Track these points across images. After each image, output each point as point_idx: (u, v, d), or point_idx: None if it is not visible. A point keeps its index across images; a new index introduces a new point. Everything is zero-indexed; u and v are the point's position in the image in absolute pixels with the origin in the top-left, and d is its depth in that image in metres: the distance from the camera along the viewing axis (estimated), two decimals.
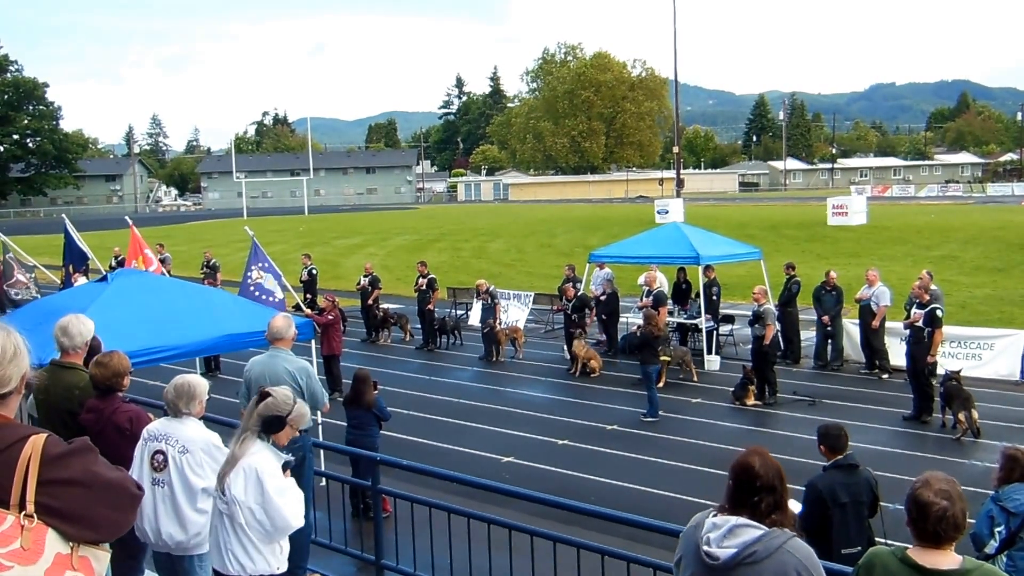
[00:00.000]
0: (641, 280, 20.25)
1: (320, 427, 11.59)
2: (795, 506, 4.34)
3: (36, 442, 2.54)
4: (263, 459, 5.09)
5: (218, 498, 5.15)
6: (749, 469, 3.69)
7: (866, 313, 17.73)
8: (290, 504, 5.12)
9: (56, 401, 6.35)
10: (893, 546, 3.98)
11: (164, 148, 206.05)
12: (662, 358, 17.15)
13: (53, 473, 2.51)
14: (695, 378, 17.64)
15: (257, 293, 14.65)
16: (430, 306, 21.55)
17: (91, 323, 6.64)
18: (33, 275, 21.83)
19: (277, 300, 14.76)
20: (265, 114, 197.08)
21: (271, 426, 5.13)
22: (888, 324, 17.61)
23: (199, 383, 5.95)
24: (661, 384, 17.31)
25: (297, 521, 5.16)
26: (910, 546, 3.80)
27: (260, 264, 15.32)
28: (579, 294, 20.20)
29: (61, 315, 6.71)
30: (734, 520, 3.61)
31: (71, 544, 2.52)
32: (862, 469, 7.07)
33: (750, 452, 3.79)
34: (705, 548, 3.60)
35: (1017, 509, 6.01)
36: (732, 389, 16.12)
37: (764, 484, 3.65)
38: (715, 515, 3.71)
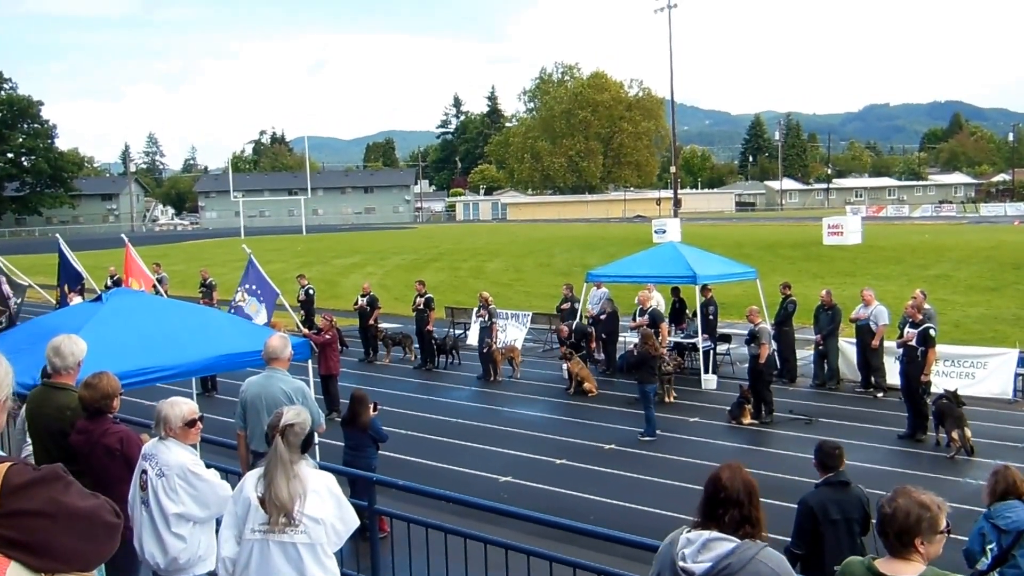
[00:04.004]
0: (636, 300, 20.28)
1: (317, 447, 11.57)
2: None
3: None
4: (322, 475, 5.05)
5: (284, 537, 4.79)
6: (716, 481, 3.79)
7: (864, 332, 17.75)
8: (350, 505, 5.09)
9: (47, 421, 6.34)
10: (864, 558, 4.06)
11: (161, 167, 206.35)
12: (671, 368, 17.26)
13: (14, 504, 2.38)
14: (668, 399, 17.46)
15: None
16: (428, 326, 21.52)
17: (83, 343, 6.64)
18: (20, 300, 21.78)
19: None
20: (262, 133, 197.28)
21: (308, 445, 5.08)
22: (884, 343, 17.65)
23: (168, 407, 5.90)
24: (671, 400, 17.35)
25: (357, 518, 5.13)
26: (880, 558, 3.92)
27: (248, 286, 15.31)
28: (576, 325, 20.13)
29: (55, 335, 6.71)
30: (707, 534, 3.67)
31: (40, 575, 2.40)
32: (854, 487, 7.08)
33: (722, 465, 3.89)
34: (681, 564, 3.64)
35: (1008, 527, 6.03)
36: (729, 408, 16.13)
37: (728, 496, 3.71)
38: (688, 530, 3.76)
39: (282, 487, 4.74)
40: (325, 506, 4.84)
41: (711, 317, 19.56)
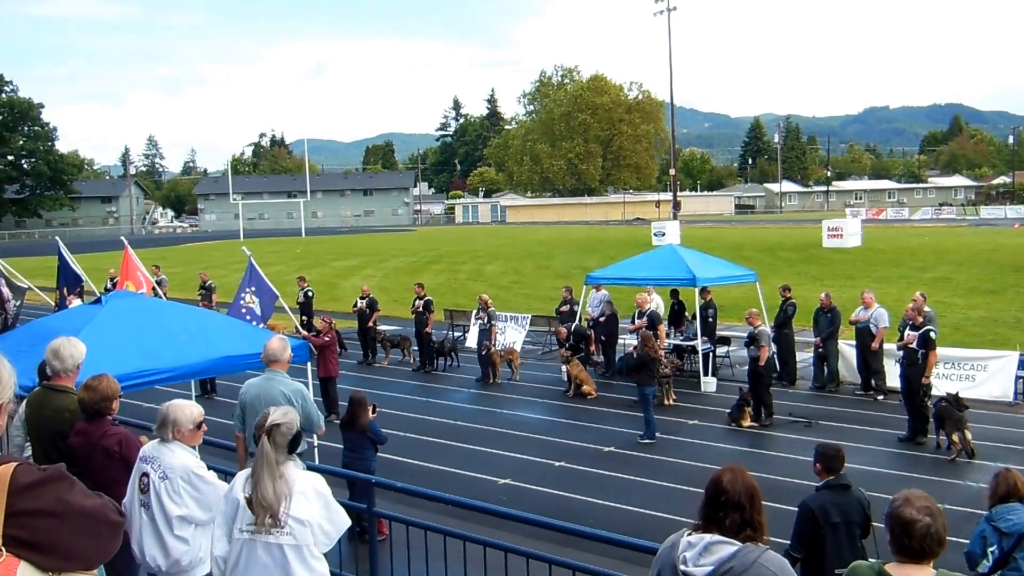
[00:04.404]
0: (636, 302, 20.28)
1: (316, 450, 11.57)
2: None
3: (3, 472, 2.44)
4: (310, 475, 5.04)
5: (270, 538, 4.80)
6: (717, 484, 3.77)
7: (864, 335, 17.74)
8: (339, 506, 5.09)
9: (46, 424, 6.33)
10: (872, 561, 4.00)
11: (161, 169, 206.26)
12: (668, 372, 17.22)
13: (22, 504, 2.41)
14: (667, 401, 17.41)
15: (248, 318, 14.60)
16: (427, 328, 21.51)
17: (83, 346, 6.62)
18: (19, 302, 21.78)
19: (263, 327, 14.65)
20: (262, 136, 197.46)
21: (295, 445, 5.07)
22: (884, 346, 17.64)
23: (177, 410, 5.88)
24: (671, 402, 17.32)
25: (347, 518, 5.10)
26: (890, 562, 3.81)
27: (253, 288, 15.29)
28: (575, 327, 20.14)
29: (54, 337, 6.70)
30: (709, 537, 3.65)
31: (49, 574, 2.43)
32: (855, 490, 7.06)
33: (724, 468, 3.86)
34: (682, 568, 3.62)
35: (1010, 529, 6.02)
36: (728, 411, 16.11)
37: (729, 500, 3.69)
38: (689, 534, 3.74)
39: (268, 488, 4.75)
40: (311, 507, 4.85)
41: (710, 319, 19.54)
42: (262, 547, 4.80)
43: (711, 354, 19.45)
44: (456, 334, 25.00)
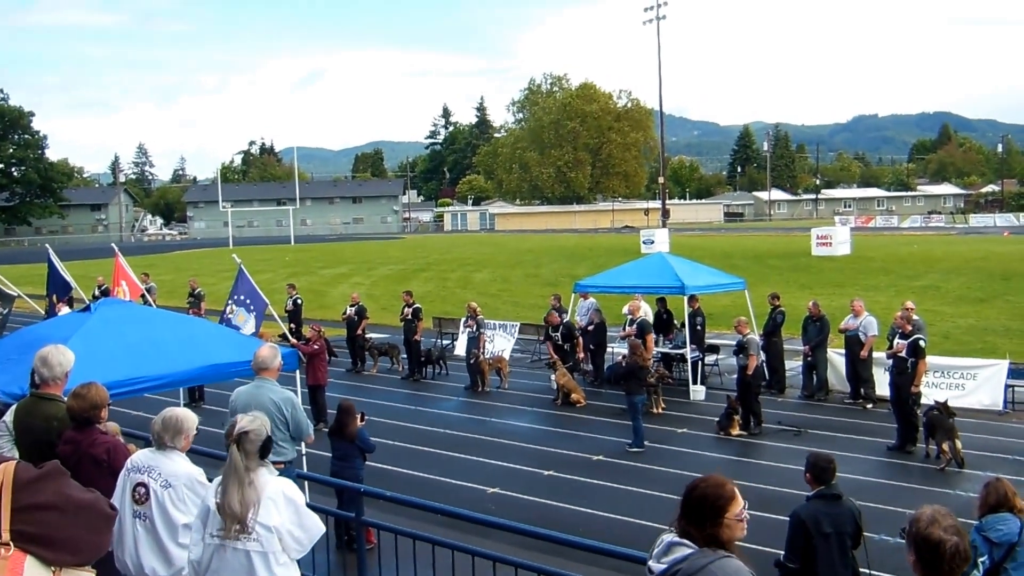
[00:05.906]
0: (625, 310, 20.28)
1: (304, 458, 11.52)
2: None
3: (6, 469, 2.50)
4: (280, 482, 5.03)
5: (238, 544, 4.82)
6: (686, 487, 3.82)
7: (853, 343, 17.76)
8: (312, 512, 5.09)
9: (35, 432, 6.29)
10: None
11: (150, 177, 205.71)
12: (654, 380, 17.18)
13: (27, 499, 2.48)
14: (657, 409, 17.42)
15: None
16: (416, 336, 21.49)
17: (71, 354, 6.59)
18: (7, 310, 21.66)
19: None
20: (252, 143, 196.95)
21: (266, 451, 5.06)
22: (873, 354, 17.66)
23: (187, 417, 5.86)
24: (660, 411, 17.31)
25: (321, 525, 5.11)
26: None
27: (237, 296, 15.26)
28: (565, 322, 20.17)
29: (43, 345, 6.66)
30: (671, 538, 3.72)
31: (52, 568, 2.49)
32: (846, 500, 7.05)
33: (706, 475, 3.88)
34: (650, 563, 3.72)
35: (1000, 539, 6.02)
36: (717, 419, 16.10)
37: (687, 503, 3.75)
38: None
39: (235, 496, 4.77)
40: (280, 514, 4.85)
41: (699, 328, 19.56)
42: (230, 553, 4.83)
43: (700, 362, 19.46)
44: (445, 342, 24.97)
